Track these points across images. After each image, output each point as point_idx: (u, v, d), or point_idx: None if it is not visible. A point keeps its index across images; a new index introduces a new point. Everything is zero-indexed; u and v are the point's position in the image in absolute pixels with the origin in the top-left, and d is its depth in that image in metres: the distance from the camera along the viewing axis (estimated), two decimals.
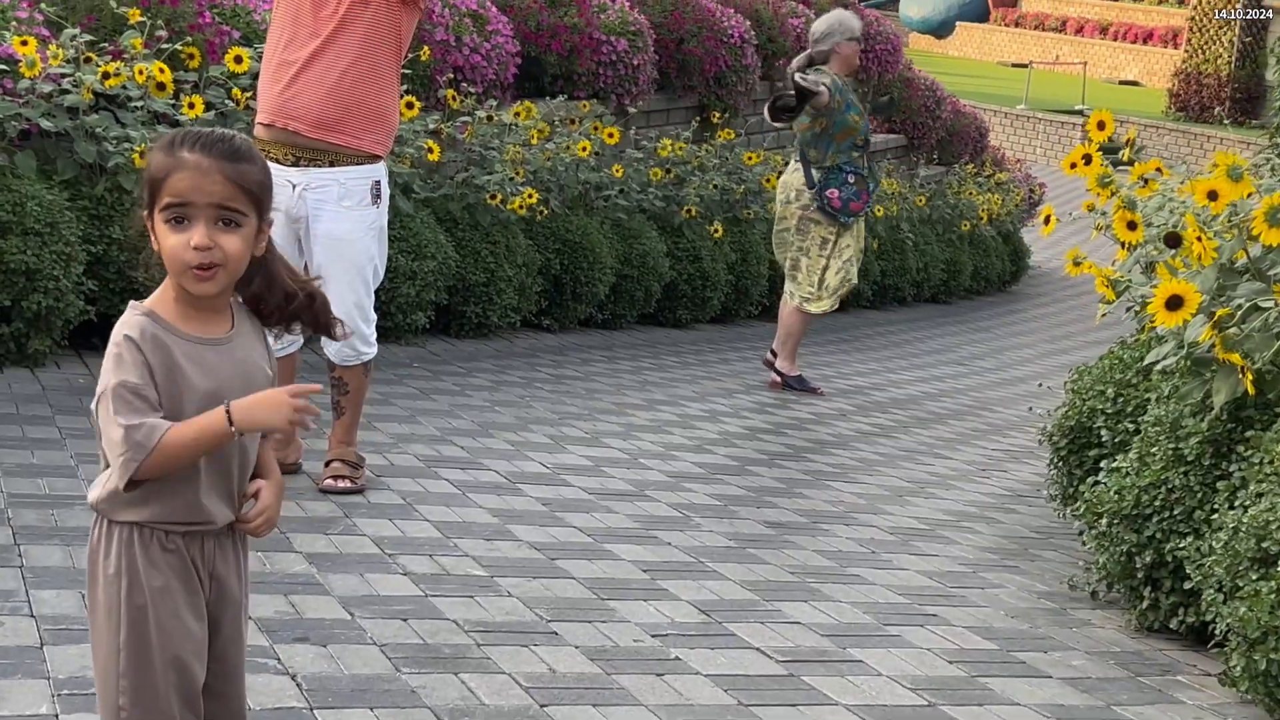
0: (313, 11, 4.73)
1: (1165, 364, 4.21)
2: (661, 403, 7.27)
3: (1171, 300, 3.73)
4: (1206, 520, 3.95)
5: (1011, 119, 31.32)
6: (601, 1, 11.01)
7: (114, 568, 2.28)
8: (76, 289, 6.10)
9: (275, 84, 4.76)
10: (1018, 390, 9.68)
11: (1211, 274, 3.94)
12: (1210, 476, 4.00)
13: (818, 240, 8.22)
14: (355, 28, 4.71)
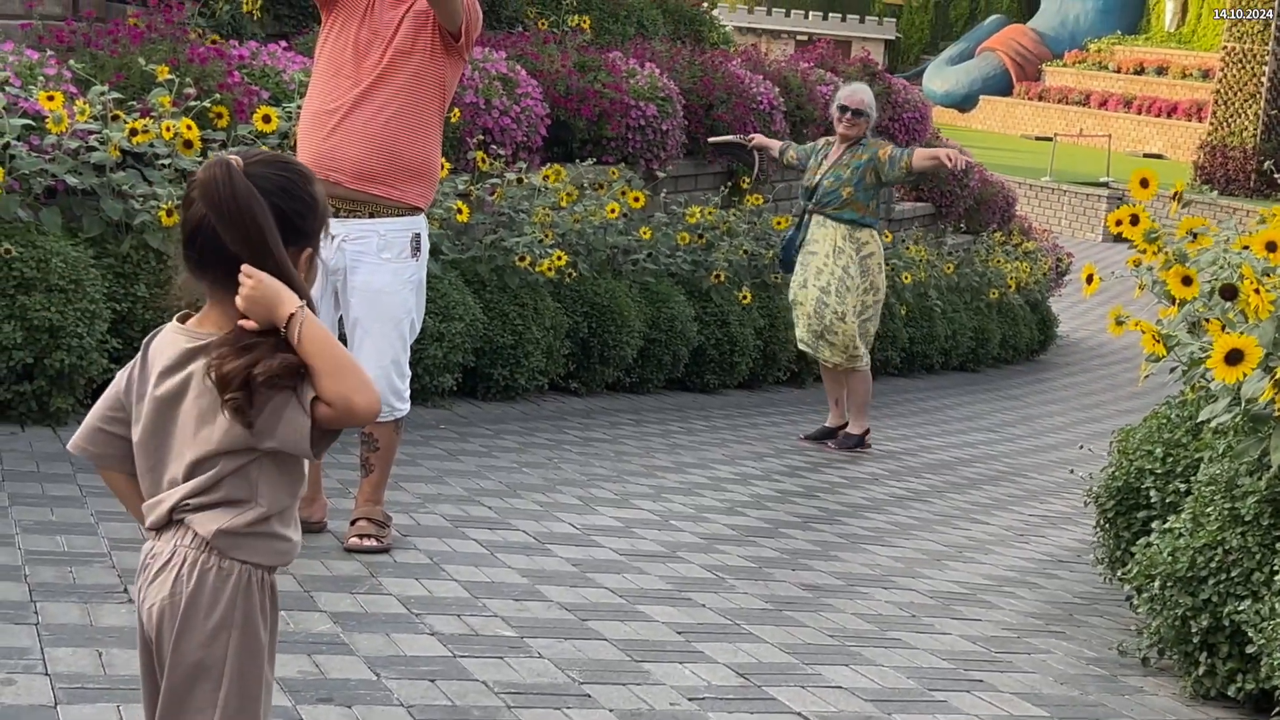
0: (355, 61, 4.66)
1: (1219, 421, 4.08)
2: (691, 465, 7.14)
3: (1231, 354, 3.60)
4: (1266, 582, 3.80)
5: (1036, 191, 31.28)
6: (631, 67, 10.99)
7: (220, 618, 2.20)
8: (100, 347, 6.01)
9: (316, 133, 4.68)
10: (1051, 457, 9.53)
11: (1270, 327, 3.81)
12: (1270, 537, 3.86)
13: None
14: (398, 78, 4.64)
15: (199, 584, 2.20)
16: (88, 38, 7.72)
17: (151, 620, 2.24)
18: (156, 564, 2.24)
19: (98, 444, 2.32)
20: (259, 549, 2.24)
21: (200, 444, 2.20)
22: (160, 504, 2.25)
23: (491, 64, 9.42)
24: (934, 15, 62.83)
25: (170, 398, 2.23)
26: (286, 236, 2.21)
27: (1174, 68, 49.15)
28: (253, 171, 2.20)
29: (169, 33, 7.82)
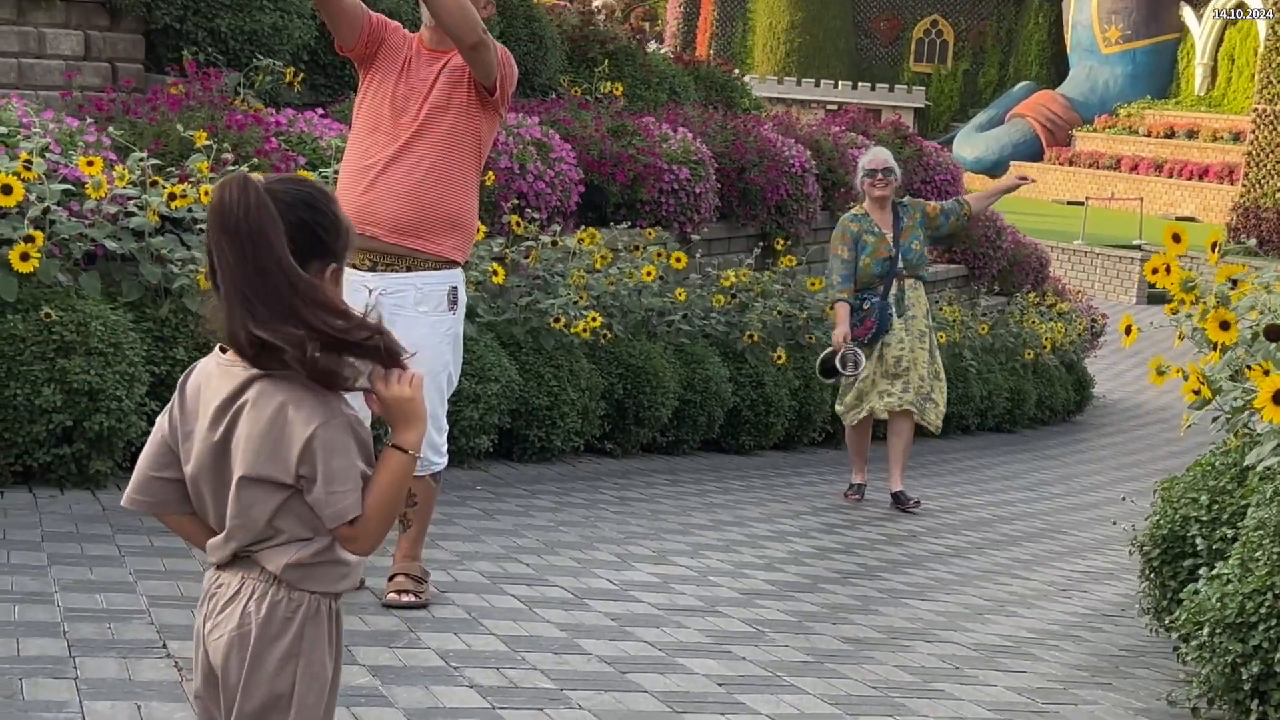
0: (393, 117, 4.70)
1: (1266, 465, 4.03)
2: (728, 524, 7.10)
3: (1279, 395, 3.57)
4: None
5: (1069, 254, 31.24)
6: (664, 132, 11.05)
7: (289, 646, 2.23)
8: (139, 410, 6.03)
9: (354, 188, 4.71)
10: (1092, 514, 9.45)
11: None
12: None
13: None
14: (435, 133, 4.67)
15: (269, 615, 2.23)
16: (127, 106, 7.81)
17: (218, 652, 2.26)
18: (224, 595, 2.27)
19: (152, 493, 2.33)
20: (325, 577, 2.26)
21: (240, 484, 2.22)
22: (224, 547, 2.27)
23: (526, 129, 9.49)
24: (963, 83, 63.07)
25: (229, 428, 2.24)
26: (312, 250, 2.23)
27: (1205, 131, 49.16)
28: (273, 188, 2.21)
29: (207, 100, 7.91)
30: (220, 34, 9.32)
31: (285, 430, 2.19)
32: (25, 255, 5.77)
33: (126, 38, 9.23)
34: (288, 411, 2.20)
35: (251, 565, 2.25)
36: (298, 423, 2.19)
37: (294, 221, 2.20)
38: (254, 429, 2.21)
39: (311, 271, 2.22)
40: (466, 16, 4.46)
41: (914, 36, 63.42)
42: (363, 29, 4.72)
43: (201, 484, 2.28)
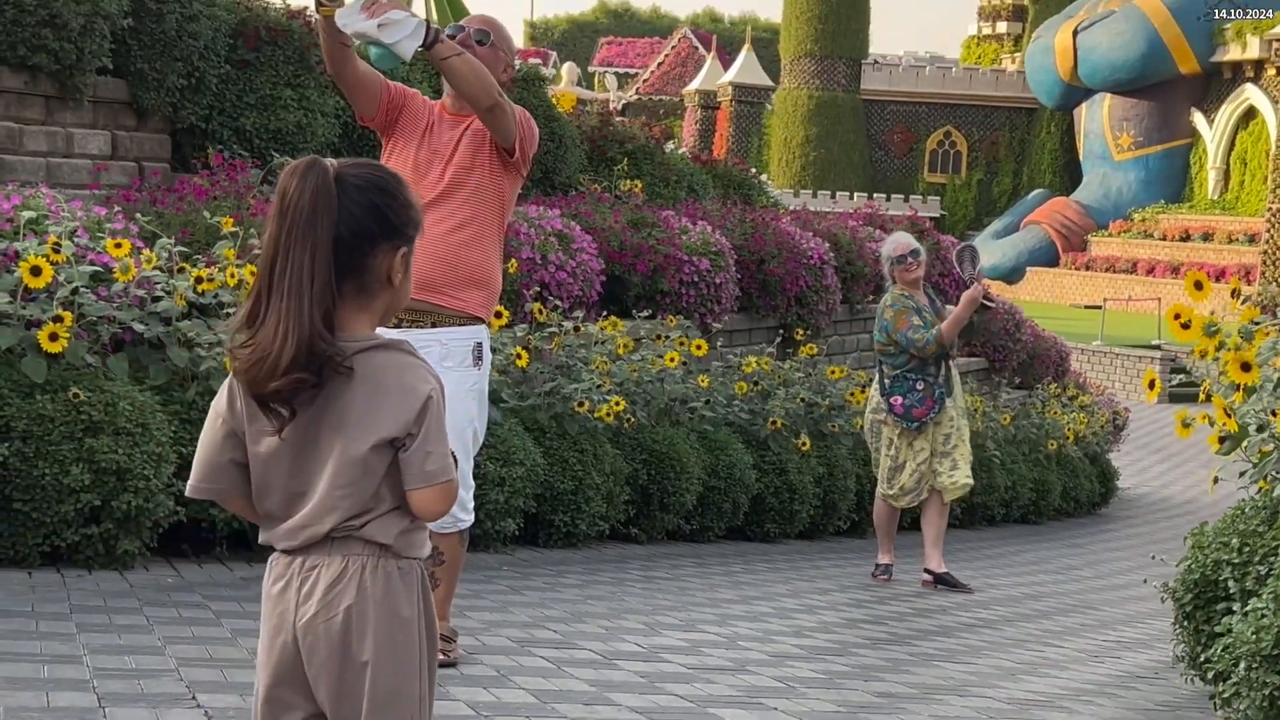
0: (415, 180, 4.77)
1: None
2: (756, 599, 7.08)
3: None
4: None
5: (1089, 354, 31.26)
6: (683, 224, 11.17)
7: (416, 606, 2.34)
8: (166, 489, 6.05)
9: None
10: (1121, 594, 9.38)
11: None
12: None
13: (886, 440, 8.61)
14: (459, 193, 4.74)
15: (388, 585, 2.30)
16: (154, 197, 7.93)
17: (331, 633, 2.29)
18: (324, 576, 2.31)
19: (218, 479, 2.38)
20: (420, 542, 2.38)
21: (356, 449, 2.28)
22: (313, 525, 2.31)
23: (547, 221, 9.60)
24: (977, 192, 63.57)
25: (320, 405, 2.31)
26: (383, 232, 2.31)
27: (1219, 233, 49.40)
28: (344, 171, 2.30)
29: (232, 190, 8.04)
30: (245, 132, 9.49)
31: (406, 388, 2.29)
32: (54, 336, 5.83)
33: (153, 137, 9.41)
34: (402, 368, 2.30)
35: (350, 542, 2.30)
36: (419, 382, 2.30)
37: (364, 204, 2.28)
38: (371, 397, 2.28)
39: (381, 252, 2.31)
40: (482, 81, 4.55)
41: (928, 148, 64.06)
42: (381, 98, 4.81)
43: (274, 465, 2.33)
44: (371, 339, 2.32)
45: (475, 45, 4.82)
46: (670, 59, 72.59)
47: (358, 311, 2.33)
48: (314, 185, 2.24)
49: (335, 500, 2.29)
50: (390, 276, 2.32)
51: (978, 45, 70.56)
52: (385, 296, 2.34)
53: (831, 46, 62.32)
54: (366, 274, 2.31)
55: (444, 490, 2.30)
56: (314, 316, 2.22)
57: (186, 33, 9.00)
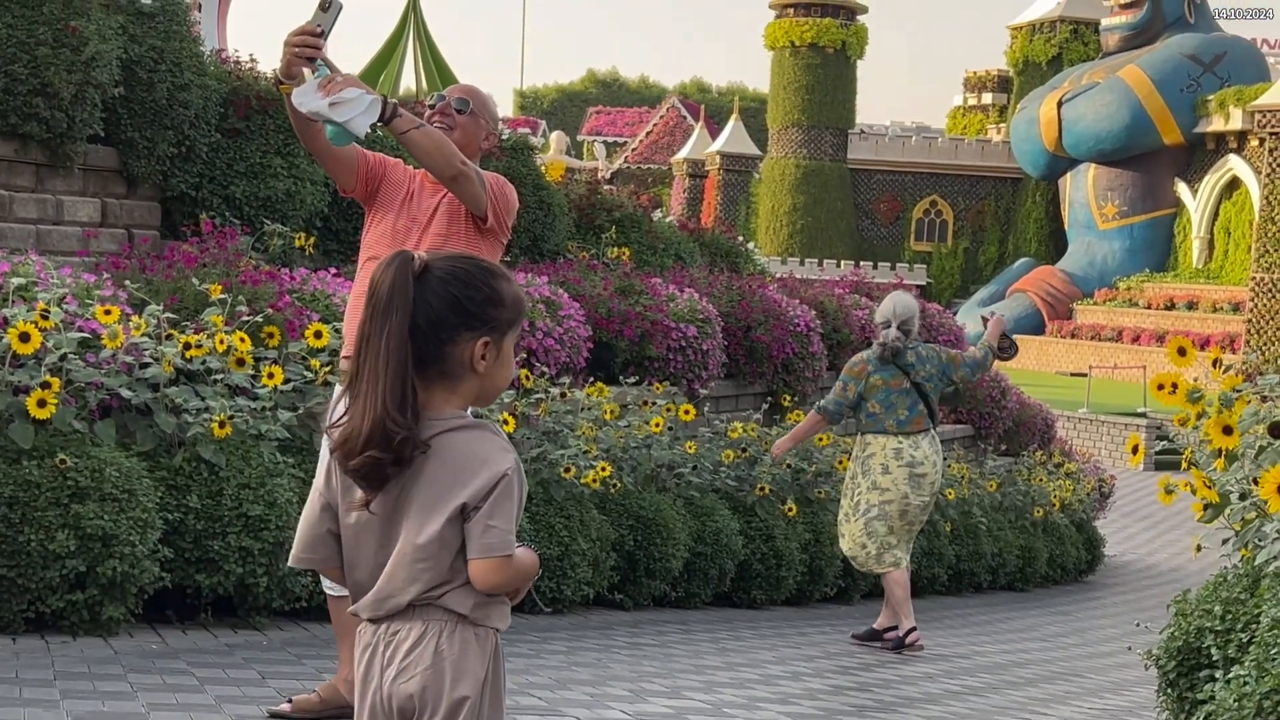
0: (392, 248, 4.80)
1: (1278, 565, 4.05)
2: (742, 665, 7.07)
3: None
4: None
5: (1074, 422, 31.33)
6: (670, 291, 11.22)
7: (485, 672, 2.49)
8: (152, 555, 6.05)
9: (354, 317, 4.82)
10: (1107, 661, 9.38)
11: None
12: None
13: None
14: None
15: (463, 649, 2.47)
16: (143, 264, 7.97)
17: (407, 693, 2.46)
18: (406, 640, 2.47)
19: (317, 549, 2.56)
20: (499, 613, 2.53)
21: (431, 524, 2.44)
22: (395, 596, 2.47)
23: (535, 288, 9.65)
24: (963, 260, 63.89)
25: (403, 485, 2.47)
26: (463, 322, 2.46)
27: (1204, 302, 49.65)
28: (431, 263, 2.48)
29: (222, 258, 8.07)
30: (235, 200, 9.54)
31: (481, 461, 2.44)
32: (42, 402, 5.84)
33: (143, 205, 9.45)
34: (482, 445, 2.46)
35: (432, 609, 2.46)
36: (494, 458, 2.45)
37: (443, 295, 2.45)
38: (449, 473, 2.45)
39: (462, 341, 2.46)
40: (442, 151, 4.58)
41: (914, 217, 64.43)
42: (359, 169, 4.84)
43: (364, 538, 2.50)
44: (454, 419, 2.48)
45: (455, 113, 4.88)
46: (659, 128, 73.09)
47: (447, 394, 2.49)
48: (392, 278, 2.43)
49: (417, 572, 2.44)
50: (474, 364, 2.48)
51: (963, 116, 71.15)
52: (473, 381, 2.49)
53: (818, 116, 62.81)
54: (448, 361, 2.47)
55: (499, 564, 2.42)
56: (387, 400, 2.39)
57: (177, 101, 9.07)
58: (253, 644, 6.01)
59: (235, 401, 6.66)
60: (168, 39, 9.02)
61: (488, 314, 2.47)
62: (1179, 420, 4.86)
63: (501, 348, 2.49)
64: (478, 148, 4.93)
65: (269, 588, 6.33)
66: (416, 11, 17.03)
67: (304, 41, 4.44)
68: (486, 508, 2.40)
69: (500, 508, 2.41)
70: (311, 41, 4.45)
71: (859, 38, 63.28)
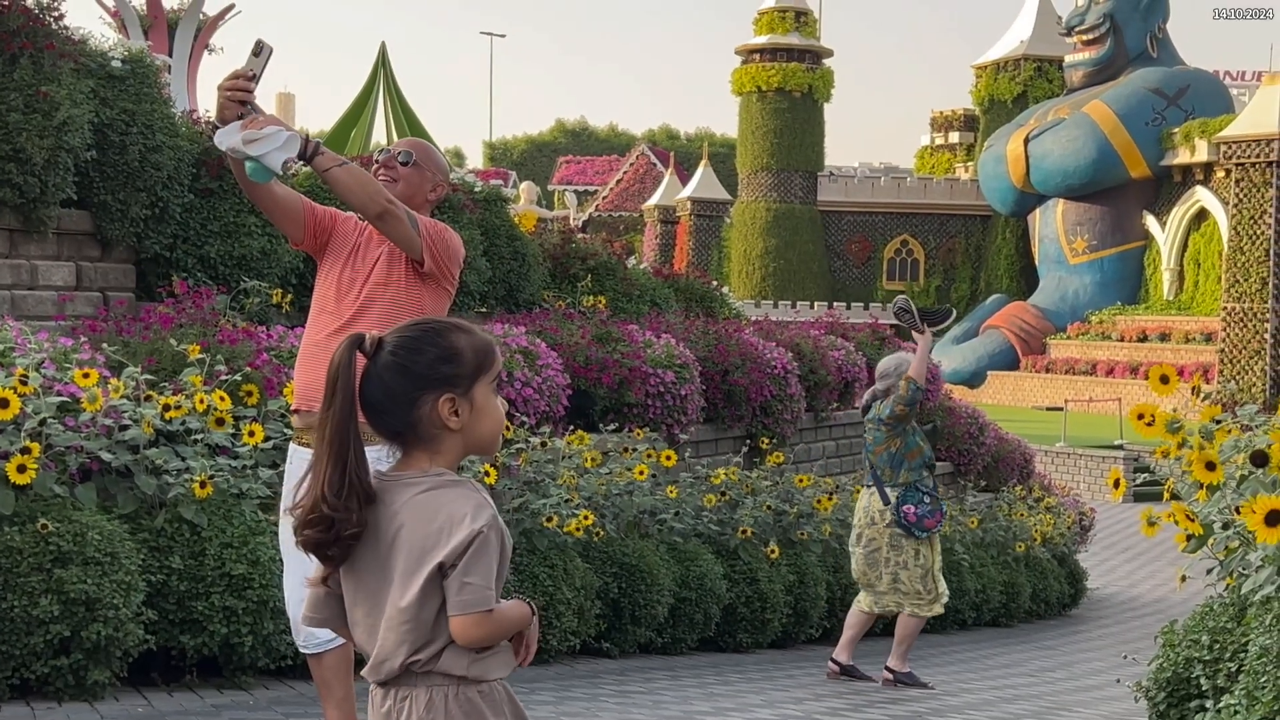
0: (337, 299, 4.82)
1: (1264, 593, 4.07)
2: (730, 710, 7.05)
3: (1271, 516, 3.63)
4: None
5: (1052, 456, 31.42)
6: (647, 338, 11.25)
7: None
8: (136, 619, 6.02)
9: (301, 369, 4.82)
10: (1095, 694, 9.38)
11: None
12: None
13: (911, 552, 8.79)
14: (375, 309, 4.74)
15: (469, 710, 2.46)
16: (119, 326, 7.96)
17: None
18: (416, 707, 2.48)
19: (321, 609, 2.59)
20: (499, 664, 2.51)
21: (409, 587, 2.45)
22: (389, 660, 2.49)
23: (512, 338, 9.66)
24: (935, 298, 64.11)
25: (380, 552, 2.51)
26: (417, 386, 2.49)
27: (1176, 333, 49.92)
28: (385, 338, 2.53)
29: (199, 318, 8.07)
30: (209, 260, 9.54)
31: (455, 519, 2.45)
32: (22, 467, 5.82)
33: (117, 267, 9.45)
34: (458, 504, 2.47)
35: (432, 675, 2.47)
36: (469, 515, 2.45)
37: (391, 365, 2.50)
38: (423, 532, 2.46)
39: (426, 403, 2.49)
40: (366, 189, 4.57)
41: (885, 256, 64.73)
42: (306, 223, 4.83)
43: (355, 603, 2.53)
44: (431, 479, 2.49)
45: (399, 165, 4.90)
46: (629, 176, 73.37)
47: (429, 455, 2.53)
48: (336, 359, 2.48)
49: (403, 635, 2.46)
50: (446, 423, 2.50)
51: (931, 155, 71.62)
52: (454, 439, 2.51)
53: (787, 160, 63.15)
54: (420, 425, 2.50)
55: (477, 620, 2.42)
56: (325, 485, 2.44)
57: (149, 163, 9.08)
58: (239, 704, 5.98)
59: (216, 461, 6.65)
60: (139, 101, 9.04)
61: (440, 372, 2.49)
62: (1160, 453, 4.89)
63: (474, 399, 2.51)
64: (424, 199, 4.92)
65: (254, 647, 6.30)
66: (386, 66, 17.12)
67: (236, 85, 4.45)
68: (463, 565, 2.41)
69: (477, 564, 2.41)
70: (243, 85, 4.46)
71: (825, 81, 63.71)
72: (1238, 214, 42.93)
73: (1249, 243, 42.19)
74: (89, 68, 8.91)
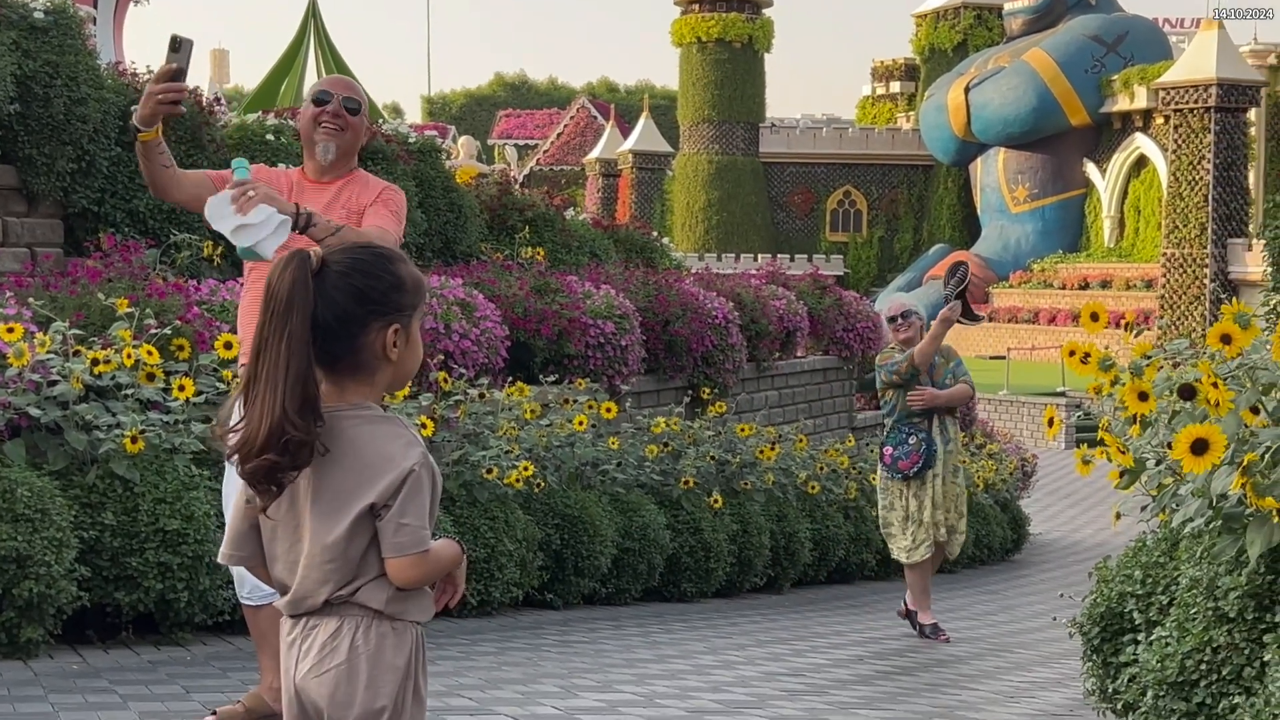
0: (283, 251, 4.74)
1: (1193, 526, 4.08)
2: (674, 657, 7.05)
3: (1197, 444, 3.62)
4: (1258, 676, 3.76)
5: (995, 404, 31.62)
6: (586, 289, 11.19)
7: (404, 667, 2.45)
8: (69, 575, 5.93)
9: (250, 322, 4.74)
10: (1035, 636, 9.45)
11: (1232, 421, 3.84)
12: (1255, 631, 3.83)
13: (896, 493, 8.87)
14: None
15: (379, 645, 2.44)
16: (46, 281, 7.82)
17: (323, 688, 2.45)
18: (321, 636, 2.46)
19: (243, 546, 2.55)
20: (417, 607, 2.49)
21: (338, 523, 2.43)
22: (310, 597, 2.46)
23: (450, 290, 9.58)
24: (879, 249, 64.34)
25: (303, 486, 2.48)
26: (368, 312, 2.44)
27: (1117, 280, 50.31)
28: (329, 258, 2.45)
29: (127, 272, 7.94)
30: (139, 214, 9.40)
31: (386, 458, 2.42)
32: None
33: (44, 223, 9.29)
34: (388, 442, 2.44)
35: (348, 606, 2.45)
36: (400, 454, 2.43)
37: (345, 288, 2.43)
38: (354, 469, 2.43)
39: (372, 330, 2.44)
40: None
41: (828, 208, 64.84)
42: None
43: (277, 537, 2.50)
44: (362, 411, 2.46)
45: (348, 114, 4.72)
46: (569, 129, 73.04)
47: (360, 387, 2.48)
48: (290, 277, 2.39)
49: (326, 572, 2.44)
50: (386, 353, 2.45)
51: (872, 105, 71.66)
52: (387, 370, 2.47)
53: (729, 111, 63.03)
54: (362, 353, 2.45)
55: (414, 561, 2.40)
56: (286, 404, 2.36)
57: (75, 116, 8.91)
58: (176, 659, 5.92)
59: (147, 416, 6.55)
60: (63, 53, 8.86)
61: (392, 300, 2.44)
62: (1092, 389, 4.89)
63: (410, 332, 2.47)
64: (359, 139, 4.79)
65: (190, 602, 6.23)
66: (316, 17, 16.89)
67: (169, 89, 4.25)
68: (397, 506, 2.39)
69: (411, 504, 2.39)
70: (176, 88, 4.28)
71: (765, 31, 63.56)
72: (1176, 160, 43.24)
73: (1188, 189, 42.52)
74: (10, 19, 8.72)
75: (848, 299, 15.81)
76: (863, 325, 15.43)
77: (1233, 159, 42.46)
